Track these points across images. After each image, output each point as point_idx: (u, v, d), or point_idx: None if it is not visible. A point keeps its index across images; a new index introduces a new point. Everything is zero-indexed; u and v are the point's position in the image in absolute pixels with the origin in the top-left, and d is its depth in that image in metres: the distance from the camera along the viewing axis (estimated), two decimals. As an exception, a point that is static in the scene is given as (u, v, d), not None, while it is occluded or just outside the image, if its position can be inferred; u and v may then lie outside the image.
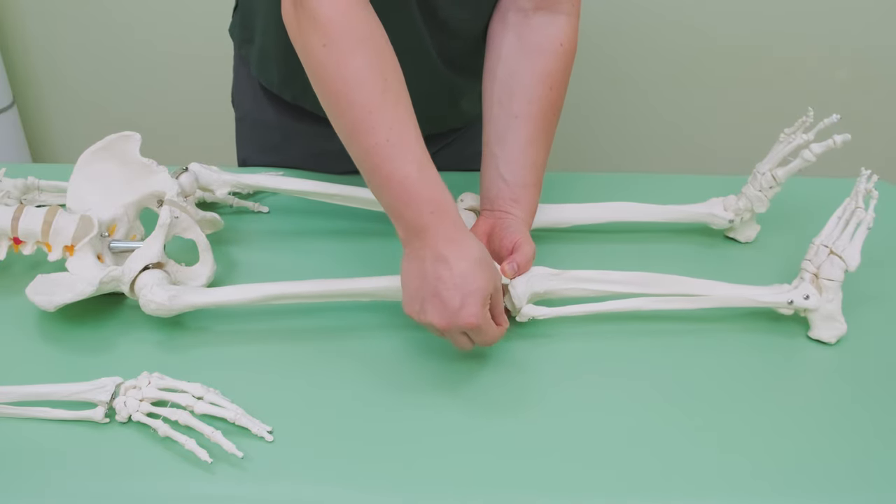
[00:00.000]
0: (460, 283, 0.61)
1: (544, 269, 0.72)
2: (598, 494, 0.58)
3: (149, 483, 0.57)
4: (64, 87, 1.89)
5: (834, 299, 0.71)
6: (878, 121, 1.77)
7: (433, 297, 0.62)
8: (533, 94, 0.76)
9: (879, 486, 0.58)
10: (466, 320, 0.61)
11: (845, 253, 0.70)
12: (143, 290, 0.69)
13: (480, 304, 0.61)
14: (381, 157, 0.63)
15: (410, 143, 0.64)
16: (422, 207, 0.63)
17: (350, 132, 0.65)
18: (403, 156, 0.63)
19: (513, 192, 0.75)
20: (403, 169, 0.63)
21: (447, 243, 0.62)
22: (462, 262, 0.62)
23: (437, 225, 0.63)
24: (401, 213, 0.64)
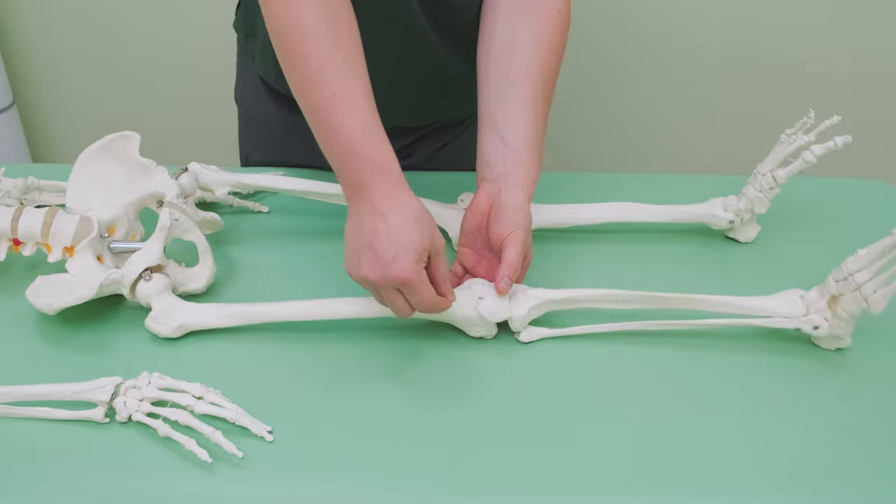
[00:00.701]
0: (395, 236, 0.62)
1: (544, 294, 0.71)
2: (598, 496, 0.57)
3: (149, 483, 0.57)
4: (64, 87, 1.89)
5: (845, 328, 0.68)
6: (879, 121, 1.77)
7: (368, 250, 0.62)
8: (533, 57, 0.75)
9: (880, 487, 0.58)
10: (399, 273, 0.61)
11: (873, 298, 0.65)
12: (147, 320, 0.70)
13: (414, 259, 0.61)
14: (327, 111, 0.64)
15: (358, 99, 0.65)
16: (364, 164, 0.64)
17: (301, 85, 0.66)
18: (350, 111, 0.64)
19: (514, 155, 0.72)
20: (349, 124, 0.64)
21: (386, 199, 0.63)
22: (398, 216, 0.62)
23: (377, 182, 0.64)
24: (344, 169, 0.65)
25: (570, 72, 1.74)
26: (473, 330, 0.70)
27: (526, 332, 0.71)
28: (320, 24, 0.65)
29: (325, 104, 0.65)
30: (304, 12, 0.65)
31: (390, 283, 0.62)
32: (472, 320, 0.70)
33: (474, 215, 0.73)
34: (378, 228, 0.62)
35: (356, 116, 0.64)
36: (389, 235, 0.62)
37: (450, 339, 0.72)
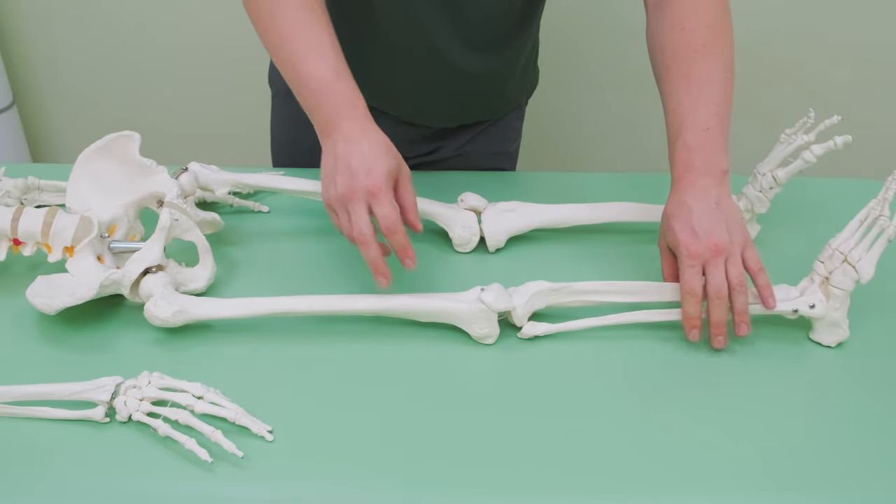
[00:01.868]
0: (368, 157, 0.68)
1: (545, 284, 0.72)
2: (599, 496, 0.58)
3: (149, 482, 0.57)
4: (64, 87, 1.89)
5: (840, 308, 0.70)
6: (879, 121, 1.77)
7: (344, 169, 0.68)
8: (665, 45, 0.75)
9: (881, 486, 0.58)
10: (371, 182, 0.67)
11: (860, 264, 0.67)
12: (148, 304, 0.70)
13: (384, 173, 0.67)
14: (299, 62, 0.72)
15: (327, 51, 0.72)
16: (336, 103, 0.71)
17: (274, 44, 0.75)
18: (320, 61, 0.72)
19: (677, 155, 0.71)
20: (319, 72, 0.71)
21: (357, 130, 0.70)
22: (369, 142, 0.69)
23: (349, 117, 0.70)
24: (317, 110, 0.72)
25: (570, 72, 1.75)
26: (476, 328, 0.70)
27: (527, 327, 0.71)
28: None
29: (296, 57, 0.72)
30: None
31: (361, 195, 0.67)
32: (475, 314, 0.70)
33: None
34: (351, 152, 0.68)
35: (325, 65, 0.71)
36: (363, 156, 0.68)
37: (451, 339, 0.72)
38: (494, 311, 0.69)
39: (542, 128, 1.81)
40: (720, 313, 0.68)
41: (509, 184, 0.99)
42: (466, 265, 0.83)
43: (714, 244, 0.67)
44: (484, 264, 0.83)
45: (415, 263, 0.70)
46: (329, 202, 0.70)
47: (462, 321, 0.70)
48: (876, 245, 0.68)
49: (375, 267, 0.68)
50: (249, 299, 0.70)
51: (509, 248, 0.85)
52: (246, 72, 1.80)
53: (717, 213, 0.68)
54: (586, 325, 0.72)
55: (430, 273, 0.82)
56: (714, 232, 0.67)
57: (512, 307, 0.70)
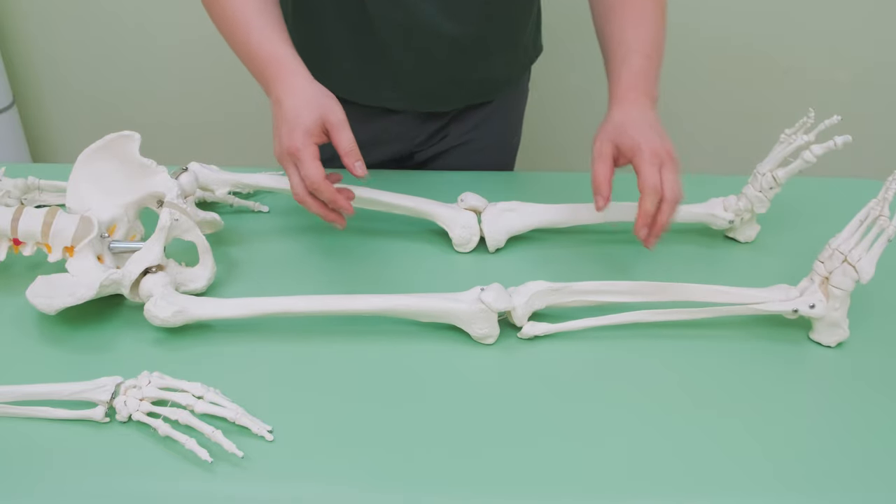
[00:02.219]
0: (288, 118, 0.72)
1: (544, 284, 0.72)
2: (600, 495, 0.58)
3: (149, 482, 0.57)
4: (64, 87, 1.89)
5: (840, 308, 0.70)
6: (879, 121, 1.77)
7: (276, 134, 0.74)
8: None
9: (881, 486, 0.58)
10: (288, 144, 0.71)
11: (860, 264, 0.67)
12: (148, 304, 0.70)
13: (300, 133, 0.71)
14: (237, 31, 0.79)
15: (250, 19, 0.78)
16: (264, 64, 0.76)
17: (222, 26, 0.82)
18: (251, 30, 0.78)
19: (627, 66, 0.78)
20: (253, 39, 0.77)
21: (282, 88, 0.74)
22: (290, 100, 0.73)
23: (276, 76, 0.75)
24: (256, 76, 0.78)
25: (569, 72, 1.75)
26: (475, 328, 0.70)
27: (527, 327, 0.71)
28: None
29: (238, 34, 0.79)
30: None
31: (287, 157, 0.72)
32: (475, 314, 0.70)
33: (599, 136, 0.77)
34: (277, 114, 0.74)
35: (253, 34, 0.77)
36: (285, 118, 0.72)
37: (451, 339, 0.72)
38: (494, 311, 0.70)
39: (543, 128, 1.81)
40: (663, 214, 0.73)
41: (509, 184, 0.99)
42: (466, 265, 0.83)
43: (669, 149, 0.73)
44: (484, 264, 0.84)
45: (351, 210, 0.74)
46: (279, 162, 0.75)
47: (462, 321, 0.70)
48: (876, 245, 0.68)
49: (325, 217, 0.74)
50: (249, 299, 0.70)
51: (509, 248, 0.85)
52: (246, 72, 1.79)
53: (661, 128, 0.75)
54: (586, 325, 0.72)
55: (430, 273, 0.82)
56: (667, 140, 0.74)
57: (512, 307, 0.70)
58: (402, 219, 0.88)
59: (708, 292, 0.71)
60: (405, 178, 1.01)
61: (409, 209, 0.85)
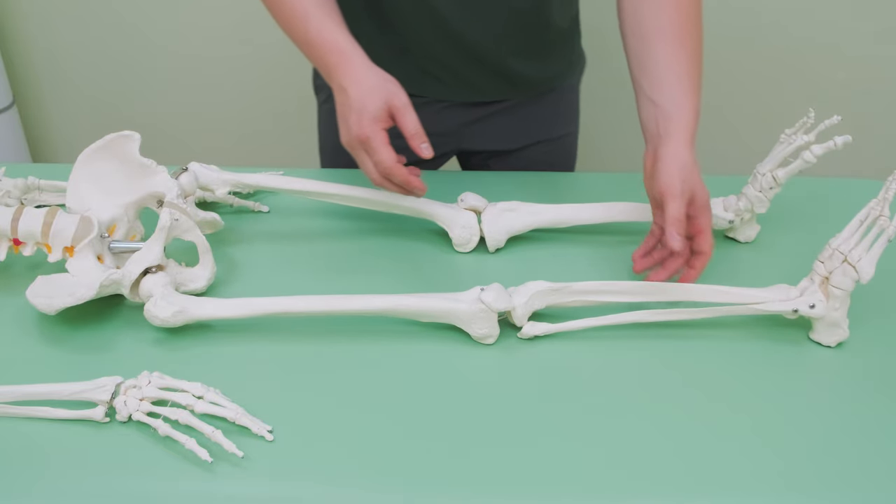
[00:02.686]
0: (355, 105, 0.73)
1: (544, 284, 0.72)
2: (600, 494, 0.58)
3: (149, 482, 0.57)
4: (64, 87, 1.89)
5: (840, 308, 0.69)
6: (879, 121, 1.77)
7: (342, 121, 0.76)
8: (659, 10, 0.78)
9: (881, 486, 0.58)
10: (358, 131, 0.73)
11: (860, 264, 0.67)
12: (148, 304, 0.70)
13: (368, 119, 0.73)
14: (302, 27, 0.79)
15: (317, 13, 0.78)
16: (326, 53, 0.77)
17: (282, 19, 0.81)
18: (311, 21, 0.78)
19: (663, 112, 0.75)
20: (313, 30, 0.78)
21: (346, 77, 0.75)
22: (355, 89, 0.74)
23: (338, 64, 0.76)
24: (318, 65, 0.79)
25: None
26: (475, 328, 0.70)
27: (527, 327, 0.71)
28: None
29: (297, 24, 0.79)
30: None
31: (357, 144, 0.74)
32: (475, 314, 0.70)
33: (646, 179, 0.77)
34: (343, 102, 0.75)
35: (312, 22, 0.78)
36: (351, 106, 0.74)
37: (451, 339, 0.72)
38: (494, 311, 0.70)
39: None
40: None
41: (509, 184, 0.99)
42: (466, 265, 0.83)
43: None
44: (484, 264, 0.84)
45: (424, 189, 0.77)
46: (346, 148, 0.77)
47: (462, 321, 0.70)
48: (876, 245, 0.67)
49: (401, 192, 0.78)
50: (249, 299, 0.70)
51: (509, 248, 0.85)
52: (246, 72, 1.80)
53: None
54: (586, 325, 0.72)
55: (430, 273, 0.82)
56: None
57: (512, 307, 0.70)
58: (402, 219, 0.88)
59: (708, 292, 0.72)
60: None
61: (409, 209, 0.85)
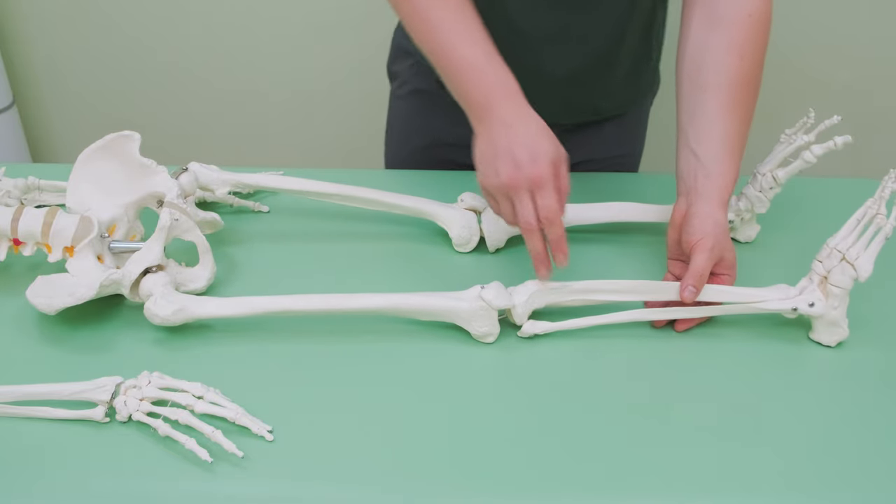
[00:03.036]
0: (529, 143, 0.68)
1: (543, 283, 0.72)
2: (599, 494, 0.58)
3: (149, 482, 0.57)
4: (64, 87, 1.89)
5: (839, 306, 0.70)
6: (879, 121, 1.77)
7: (505, 155, 0.68)
8: (721, 65, 0.75)
9: (882, 485, 0.58)
10: (535, 171, 0.67)
11: (858, 262, 0.68)
12: (148, 302, 0.70)
13: (549, 160, 0.67)
14: (452, 49, 0.72)
15: (477, 37, 0.72)
16: (490, 86, 0.71)
17: (425, 36, 0.75)
18: (471, 46, 0.72)
19: (704, 168, 0.74)
20: (473, 56, 0.72)
21: (514, 114, 0.70)
22: (528, 126, 0.69)
23: (504, 100, 0.70)
24: (471, 94, 0.72)
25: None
26: (476, 326, 0.70)
27: (527, 325, 0.71)
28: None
29: (447, 44, 0.73)
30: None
31: (525, 184, 0.67)
32: (475, 312, 0.70)
33: (673, 229, 0.76)
34: (512, 138, 0.68)
35: (478, 50, 0.72)
36: (523, 142, 0.68)
37: (451, 339, 0.72)
38: (494, 309, 0.70)
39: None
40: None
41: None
42: (466, 265, 0.83)
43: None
44: (484, 264, 0.84)
45: (567, 260, 0.71)
46: (488, 189, 0.71)
47: (462, 319, 0.70)
48: (874, 243, 0.68)
49: (539, 256, 0.70)
50: (249, 298, 0.70)
51: (509, 248, 0.85)
52: (246, 71, 1.80)
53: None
54: (586, 323, 0.72)
55: (430, 273, 0.82)
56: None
57: (512, 304, 0.70)
58: (402, 219, 0.88)
59: (707, 291, 0.72)
60: (405, 177, 1.01)
61: (409, 209, 0.85)
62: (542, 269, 0.71)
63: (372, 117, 1.84)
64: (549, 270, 0.71)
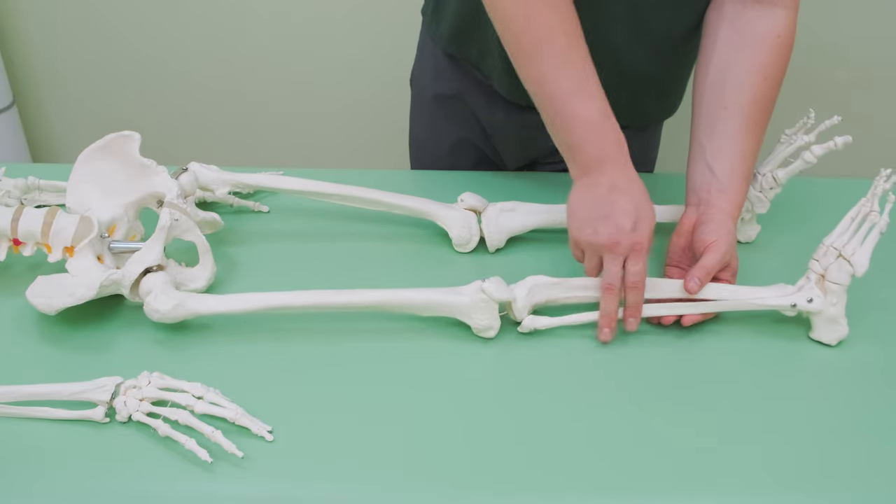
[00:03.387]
0: (633, 210, 0.69)
1: (545, 279, 0.72)
2: (599, 493, 0.58)
3: (149, 482, 0.57)
4: (64, 87, 1.89)
5: (838, 303, 0.70)
6: (879, 121, 1.77)
7: (607, 219, 0.69)
8: (745, 85, 0.76)
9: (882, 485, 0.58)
10: (637, 239, 0.69)
11: (854, 258, 0.68)
12: (148, 298, 0.69)
13: (649, 230, 0.70)
14: (565, 101, 0.71)
15: (593, 91, 0.71)
16: (605, 144, 0.71)
17: (536, 81, 0.72)
18: (589, 100, 0.71)
19: (719, 184, 0.75)
20: (589, 110, 0.71)
21: (623, 177, 0.71)
22: (636, 192, 0.70)
23: (616, 159, 0.71)
24: (582, 147, 0.71)
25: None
26: (476, 318, 0.70)
27: (528, 320, 0.71)
28: (552, 27, 0.70)
29: (562, 96, 0.71)
30: (536, 16, 0.70)
31: (625, 249, 0.69)
32: (476, 304, 0.70)
33: (679, 236, 0.78)
34: (618, 201, 0.69)
35: (595, 104, 0.71)
36: (627, 209, 0.69)
37: (452, 337, 0.72)
38: (495, 301, 0.70)
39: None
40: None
41: (509, 184, 0.99)
42: (466, 265, 0.83)
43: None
44: (484, 264, 0.84)
45: (635, 328, 0.71)
46: (580, 243, 0.72)
47: (463, 313, 0.70)
48: (868, 239, 0.69)
49: (609, 316, 0.71)
50: (249, 294, 0.70)
51: (509, 248, 0.85)
52: (246, 72, 1.80)
53: None
54: (587, 319, 0.72)
55: (430, 273, 0.82)
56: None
57: (513, 297, 0.70)
58: (402, 219, 0.88)
59: (707, 289, 0.72)
60: (406, 178, 1.01)
61: (409, 209, 0.85)
62: (607, 331, 0.71)
63: (372, 117, 1.84)
64: (613, 333, 0.71)
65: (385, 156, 1.88)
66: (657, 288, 0.73)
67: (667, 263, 0.79)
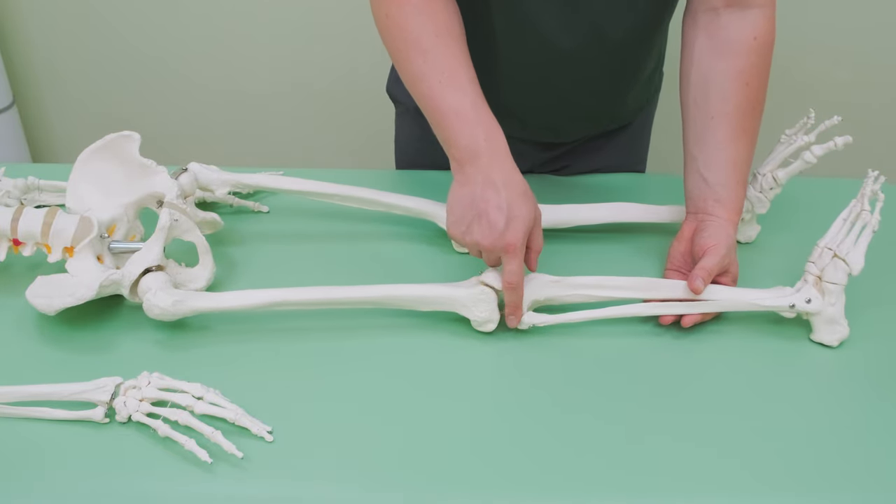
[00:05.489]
0: (506, 208, 0.67)
1: (545, 276, 0.72)
2: (598, 493, 0.58)
3: (149, 483, 0.57)
4: (64, 87, 1.89)
5: (836, 303, 0.70)
6: (879, 121, 1.77)
7: (480, 218, 0.68)
8: (728, 93, 0.76)
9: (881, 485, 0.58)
10: (508, 241, 0.67)
11: (849, 257, 0.69)
12: (148, 294, 0.69)
13: (522, 231, 0.68)
14: (435, 96, 0.71)
15: (463, 84, 0.71)
16: (476, 135, 0.70)
17: (411, 80, 0.74)
18: (456, 92, 0.71)
19: (714, 193, 0.76)
20: (458, 103, 0.70)
21: (498, 172, 0.69)
22: (510, 190, 0.68)
23: (489, 152, 0.69)
24: (455, 140, 0.70)
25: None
26: (476, 311, 0.70)
27: (528, 316, 0.71)
28: (421, 30, 0.72)
29: (433, 91, 0.71)
30: (406, 24, 0.73)
31: (498, 248, 0.68)
32: (475, 296, 0.70)
33: (680, 241, 0.78)
34: (491, 199, 0.68)
35: (463, 97, 0.71)
36: (501, 207, 0.67)
37: (451, 336, 0.72)
38: (495, 293, 0.70)
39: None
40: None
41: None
42: (466, 265, 0.83)
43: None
44: (484, 264, 0.83)
45: (516, 324, 0.71)
46: (456, 239, 0.71)
47: (463, 306, 0.70)
48: (862, 238, 0.69)
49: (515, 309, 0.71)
50: (249, 291, 0.70)
51: (509, 248, 0.85)
52: (246, 72, 1.80)
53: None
54: (587, 317, 0.72)
55: (429, 273, 0.82)
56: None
57: None
58: (402, 219, 0.88)
59: (707, 290, 0.72)
60: (406, 177, 1.01)
61: (409, 209, 0.85)
62: (514, 319, 0.71)
63: (372, 117, 1.84)
64: (517, 320, 0.71)
65: (385, 156, 1.87)
66: (658, 288, 0.73)
67: (667, 267, 0.79)
